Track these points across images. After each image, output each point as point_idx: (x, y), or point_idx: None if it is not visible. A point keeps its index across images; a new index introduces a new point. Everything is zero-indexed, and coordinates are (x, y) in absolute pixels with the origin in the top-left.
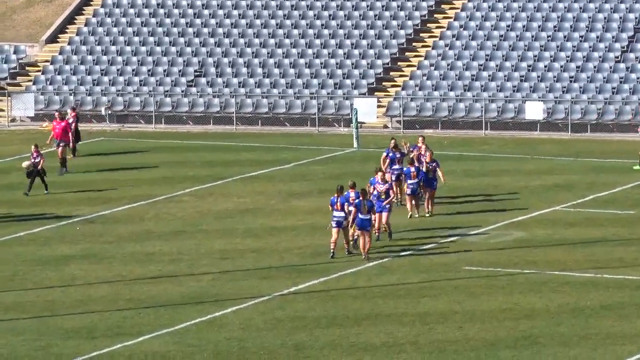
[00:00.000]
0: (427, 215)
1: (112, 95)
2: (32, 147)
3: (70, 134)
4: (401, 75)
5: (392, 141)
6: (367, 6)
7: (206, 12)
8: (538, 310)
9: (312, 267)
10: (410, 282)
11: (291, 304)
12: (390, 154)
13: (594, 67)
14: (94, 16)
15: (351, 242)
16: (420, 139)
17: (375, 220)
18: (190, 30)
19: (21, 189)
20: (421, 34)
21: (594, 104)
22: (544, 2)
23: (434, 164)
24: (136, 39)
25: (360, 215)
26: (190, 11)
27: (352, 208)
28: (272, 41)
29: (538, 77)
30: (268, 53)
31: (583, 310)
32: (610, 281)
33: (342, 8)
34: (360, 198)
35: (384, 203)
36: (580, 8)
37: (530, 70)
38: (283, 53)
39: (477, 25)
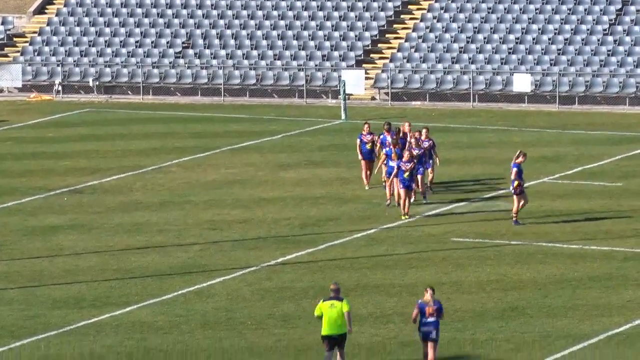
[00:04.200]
0: (404, 217)
1: (100, 67)
2: None
3: None
4: (389, 48)
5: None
6: None
7: None
8: (525, 281)
9: (300, 238)
10: (398, 253)
11: (279, 275)
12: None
13: (582, 39)
14: None
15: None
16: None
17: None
18: (178, 1)
19: (9, 159)
20: (409, 6)
21: (581, 76)
22: None
23: (411, 164)
24: (124, 10)
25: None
26: None
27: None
28: (259, 13)
29: (526, 49)
30: (256, 25)
31: (570, 281)
32: (598, 253)
33: None
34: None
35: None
36: None
37: (518, 42)
38: (271, 25)
39: None
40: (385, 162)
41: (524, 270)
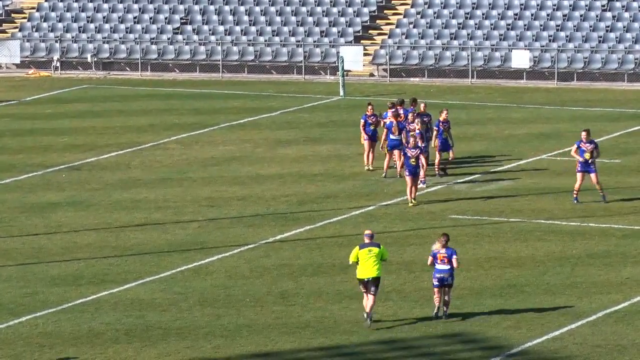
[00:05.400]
0: (410, 204)
1: (98, 43)
2: None
3: None
4: (387, 24)
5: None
6: None
7: None
8: (524, 258)
9: (298, 215)
10: (396, 230)
11: (277, 252)
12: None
13: (581, 15)
14: None
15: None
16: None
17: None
18: None
19: (7, 135)
20: None
21: (580, 52)
22: None
23: (417, 150)
24: None
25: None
26: None
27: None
28: None
29: (524, 25)
30: (254, 1)
31: (569, 259)
32: (596, 230)
33: None
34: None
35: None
36: None
37: (516, 18)
38: (269, 1)
39: None
40: (387, 135)
41: (522, 247)
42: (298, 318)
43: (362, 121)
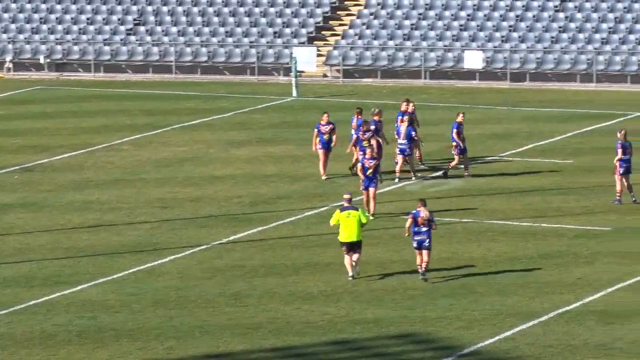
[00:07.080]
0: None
1: (51, 44)
2: None
3: None
4: (341, 25)
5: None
6: None
7: None
8: (476, 259)
9: (251, 216)
10: None
11: (229, 253)
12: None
13: (533, 16)
14: None
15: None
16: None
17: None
18: None
19: None
20: None
21: (532, 53)
22: None
23: (374, 162)
24: None
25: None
26: None
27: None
28: None
29: (477, 26)
30: (208, 1)
31: (521, 259)
32: (548, 230)
33: None
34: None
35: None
36: None
37: (469, 19)
38: (222, 1)
39: None
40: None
41: (474, 247)
42: (250, 319)
43: (315, 131)
